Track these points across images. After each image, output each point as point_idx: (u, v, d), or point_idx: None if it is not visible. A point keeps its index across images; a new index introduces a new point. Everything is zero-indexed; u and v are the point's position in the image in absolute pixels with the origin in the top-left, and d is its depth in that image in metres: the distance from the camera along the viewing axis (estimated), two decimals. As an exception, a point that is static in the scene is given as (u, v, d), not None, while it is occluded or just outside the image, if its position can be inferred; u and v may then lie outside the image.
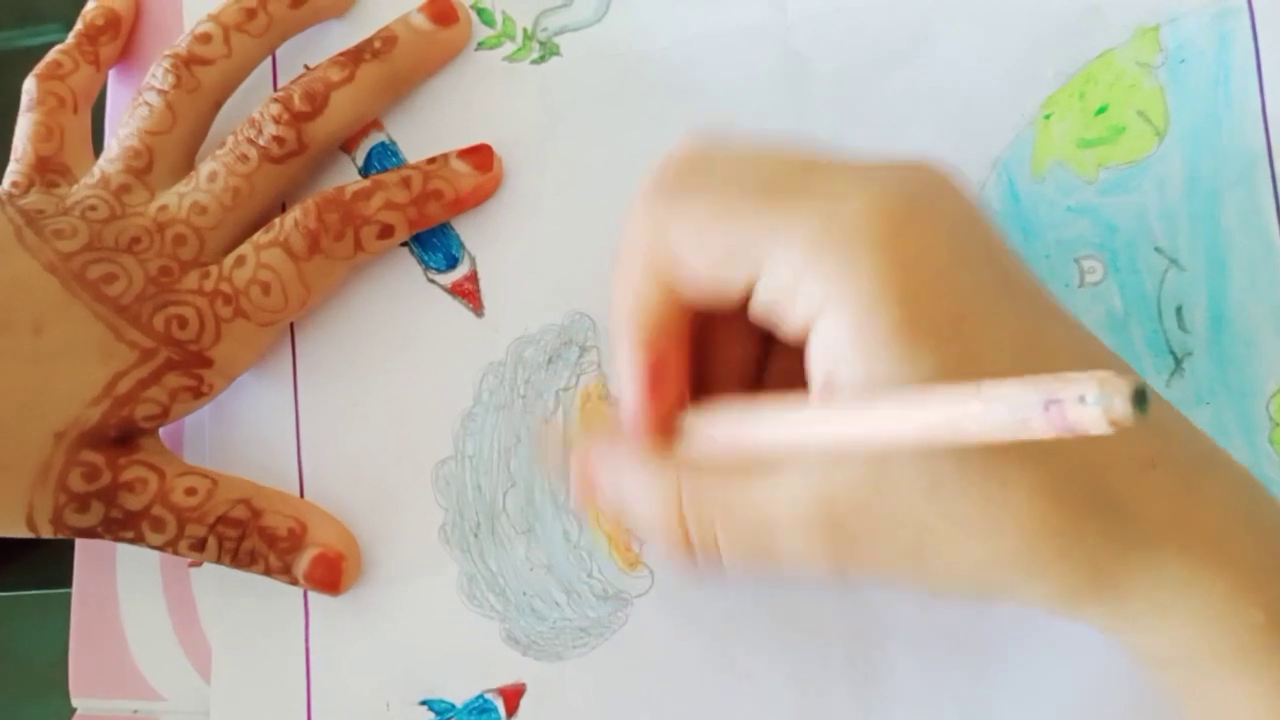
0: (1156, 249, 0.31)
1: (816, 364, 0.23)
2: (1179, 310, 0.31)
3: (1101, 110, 0.31)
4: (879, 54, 0.33)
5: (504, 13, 0.34)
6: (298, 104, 0.32)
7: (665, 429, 0.26)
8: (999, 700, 0.30)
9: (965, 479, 0.23)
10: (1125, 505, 0.23)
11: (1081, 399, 0.18)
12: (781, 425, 0.24)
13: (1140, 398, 0.17)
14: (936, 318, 0.22)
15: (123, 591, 0.34)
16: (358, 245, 0.32)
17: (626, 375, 0.27)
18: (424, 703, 0.32)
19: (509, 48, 0.34)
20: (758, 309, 0.24)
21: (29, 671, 0.36)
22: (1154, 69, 0.31)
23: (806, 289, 0.23)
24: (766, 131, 0.27)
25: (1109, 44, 0.32)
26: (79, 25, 0.35)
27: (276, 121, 0.32)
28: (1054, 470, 0.23)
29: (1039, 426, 0.18)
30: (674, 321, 0.26)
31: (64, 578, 0.34)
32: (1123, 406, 0.17)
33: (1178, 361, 0.31)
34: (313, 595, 0.32)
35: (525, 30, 0.34)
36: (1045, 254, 0.31)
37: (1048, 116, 0.32)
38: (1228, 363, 0.30)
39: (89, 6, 0.35)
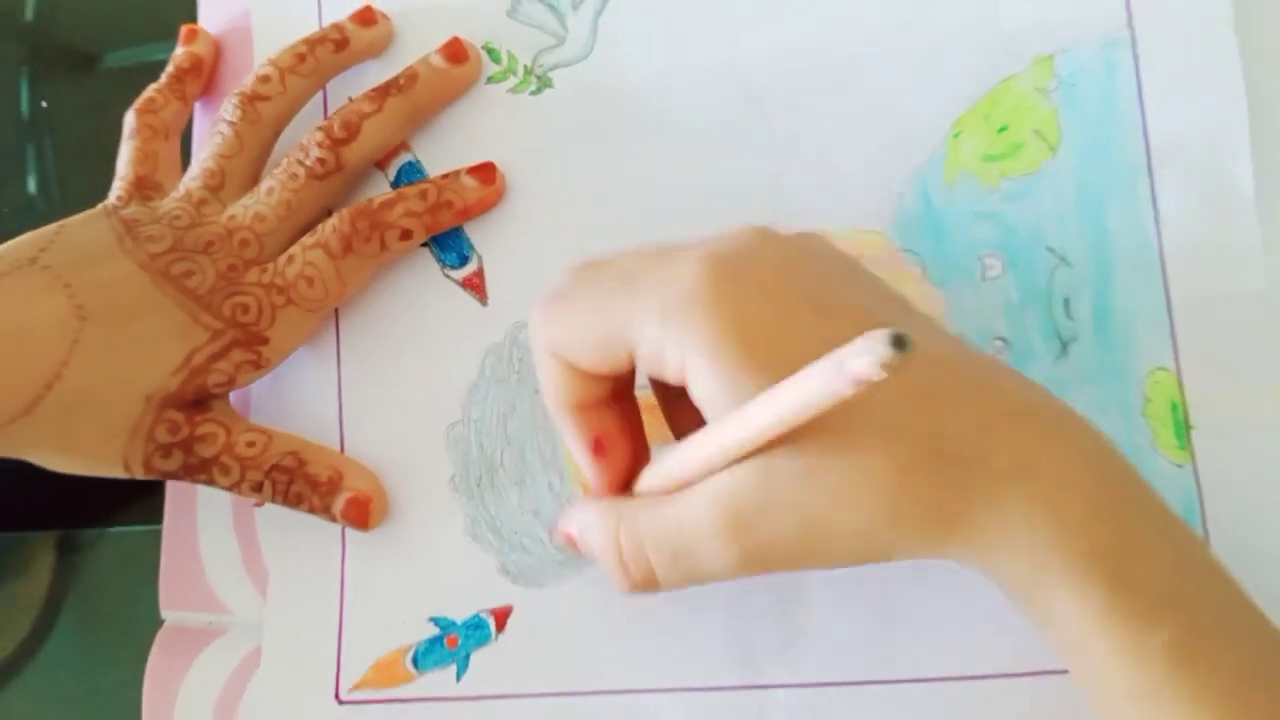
0: (1048, 249, 0.35)
1: (699, 402, 0.28)
2: (1066, 301, 0.35)
3: (1003, 129, 0.36)
4: (820, 85, 0.38)
5: (509, 51, 0.40)
6: (336, 131, 0.39)
7: (626, 487, 0.32)
8: (899, 628, 0.35)
9: (829, 462, 0.27)
10: (966, 459, 0.27)
11: (857, 355, 0.22)
12: (688, 453, 0.29)
13: (899, 342, 0.21)
14: (764, 350, 0.27)
15: (201, 527, 0.41)
16: (383, 246, 0.38)
17: (578, 459, 0.32)
18: (432, 619, 0.38)
19: (512, 81, 0.40)
20: (645, 372, 0.30)
21: (128, 591, 0.44)
22: (1049, 93, 0.36)
23: (670, 350, 0.28)
24: (629, 246, 0.31)
25: (1010, 71, 0.36)
26: (169, 68, 0.42)
27: (320, 146, 0.39)
28: (900, 441, 0.27)
29: (841, 386, 0.23)
30: (596, 398, 0.31)
31: (160, 517, 0.42)
32: (885, 351, 0.21)
33: (1064, 346, 0.35)
34: (348, 531, 0.39)
35: (526, 66, 0.40)
36: (954, 252, 0.36)
37: (957, 135, 0.36)
38: (1107, 348, 0.35)
39: (178, 52, 0.43)
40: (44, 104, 0.48)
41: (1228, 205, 0.34)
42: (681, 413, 0.32)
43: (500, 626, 0.38)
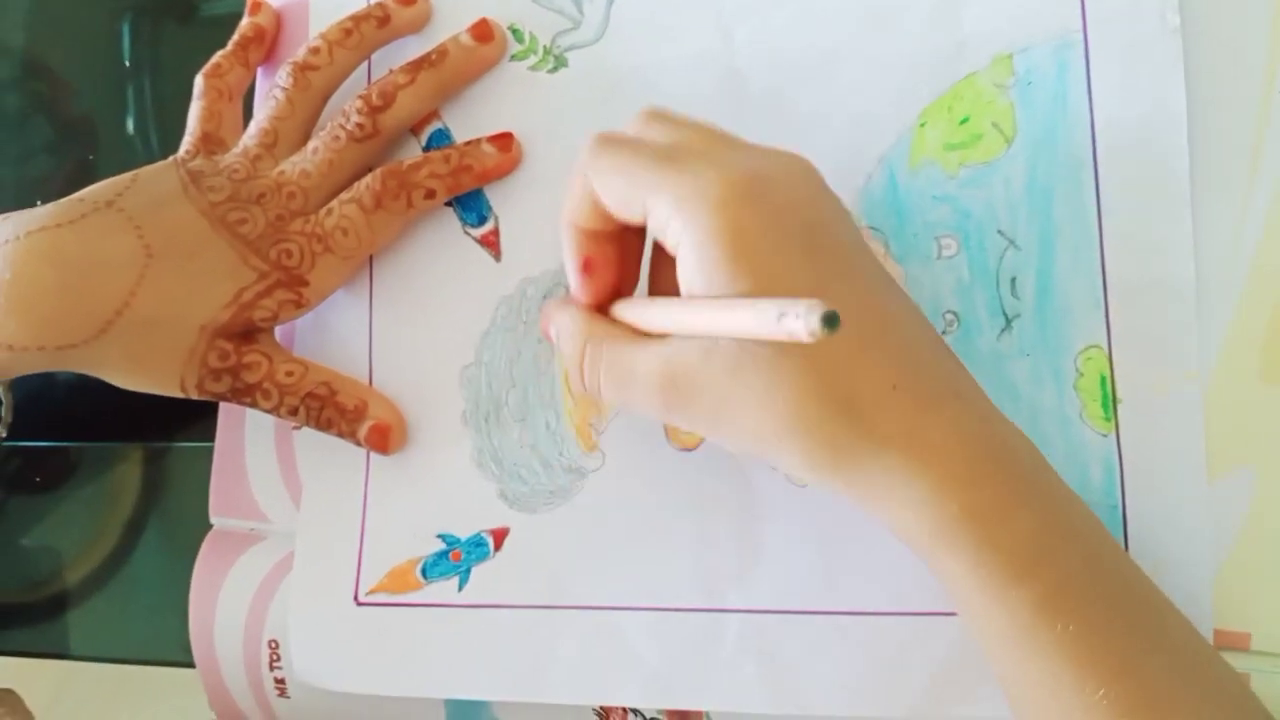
0: (999, 231, 0.38)
1: (681, 277, 0.32)
2: (1013, 281, 0.38)
3: (964, 120, 0.39)
4: (799, 73, 0.41)
5: (531, 32, 0.44)
6: (374, 100, 0.43)
7: (603, 305, 0.37)
8: (847, 562, 0.39)
9: (756, 365, 0.31)
10: (865, 411, 0.31)
11: (795, 316, 0.25)
12: (658, 311, 0.34)
13: (830, 320, 0.25)
14: (746, 264, 0.31)
15: (248, 445, 0.46)
16: (409, 204, 0.43)
17: (568, 268, 0.37)
18: (439, 536, 0.43)
19: (532, 60, 0.44)
20: (651, 234, 0.34)
21: (184, 499, 0.49)
22: (1007, 89, 0.39)
23: (673, 228, 0.32)
24: (702, 114, 0.35)
25: (973, 68, 0.39)
26: (235, 37, 0.47)
27: (359, 112, 0.43)
28: (818, 373, 0.31)
29: (774, 331, 0.26)
30: (603, 231, 0.36)
31: (213, 436, 0.47)
32: (814, 324, 0.25)
33: (1008, 321, 0.38)
34: (371, 455, 0.44)
35: (545, 46, 0.44)
36: (913, 232, 0.39)
37: (923, 124, 0.39)
38: (1047, 324, 0.38)
39: (243, 22, 0.47)
40: (135, 55, 0.53)
41: (1164, 198, 0.37)
42: (663, 271, 0.37)
43: (498, 545, 0.42)
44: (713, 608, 0.40)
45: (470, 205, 0.44)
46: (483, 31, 0.44)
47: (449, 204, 0.44)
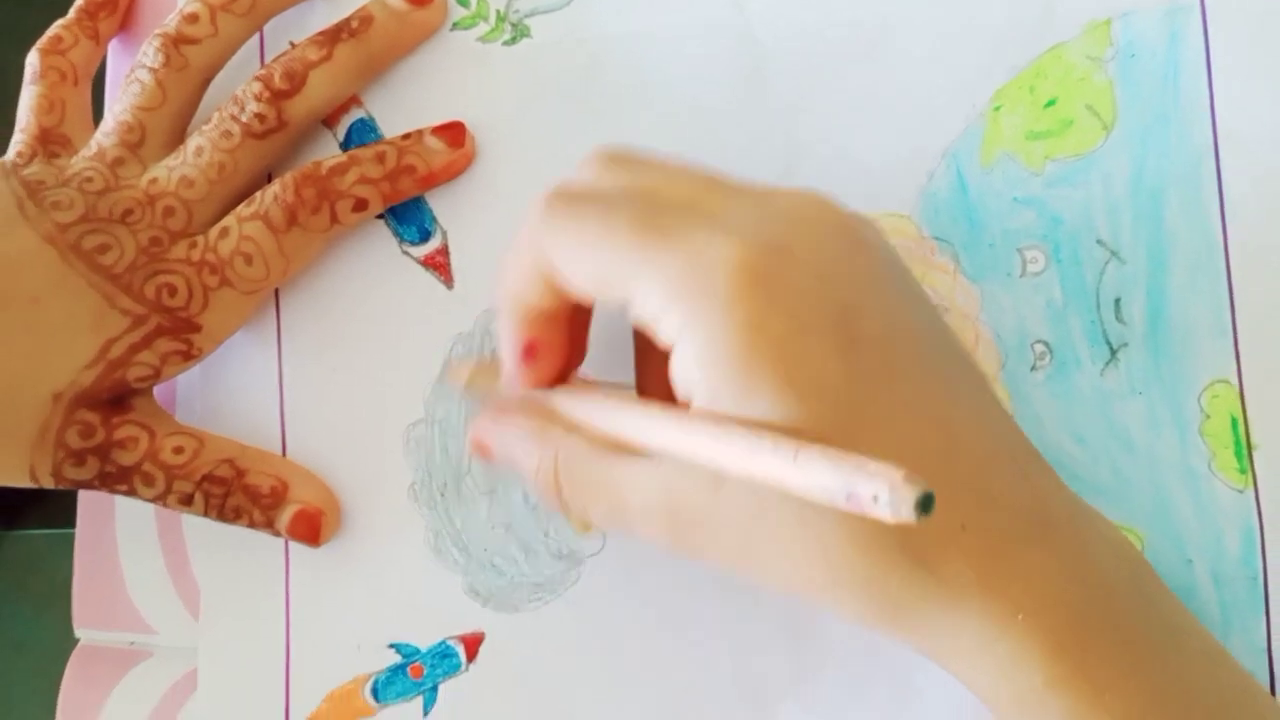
0: (1099, 241, 0.32)
1: (676, 380, 0.26)
2: (1117, 302, 0.32)
3: (1050, 103, 0.32)
4: (836, 47, 0.34)
5: (479, -7, 0.35)
6: (277, 82, 0.34)
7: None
8: (926, 667, 0.32)
9: (786, 512, 0.25)
10: (931, 562, 0.25)
11: (875, 499, 0.21)
12: (645, 422, 0.27)
13: (925, 504, 0.20)
14: (769, 371, 0.24)
15: (121, 536, 0.36)
16: (333, 218, 0.34)
17: (504, 350, 0.30)
18: (392, 646, 0.34)
19: (483, 28, 0.35)
20: (632, 321, 0.27)
21: (38, 603, 0.40)
22: (1104, 63, 0.32)
23: (669, 320, 0.25)
24: (670, 153, 0.28)
25: (1059, 38, 0.33)
26: (79, 1, 0.37)
27: (258, 99, 0.34)
28: (865, 520, 0.24)
29: (841, 505, 0.21)
30: (554, 313, 0.29)
31: (72, 520, 0.37)
32: (907, 511, 0.20)
33: (1113, 352, 0.32)
34: (294, 546, 0.35)
35: (499, 12, 0.35)
36: (990, 243, 0.32)
37: (998, 109, 0.33)
38: (1163, 356, 0.32)
39: None
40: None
41: (1303, 199, 0.31)
42: (651, 367, 0.30)
43: (471, 655, 0.34)
44: (761, 724, 0.32)
45: (409, 218, 0.36)
46: (418, -9, 0.35)
47: (381, 217, 0.36)
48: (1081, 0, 0.32)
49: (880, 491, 0.21)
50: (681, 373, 0.26)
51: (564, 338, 0.30)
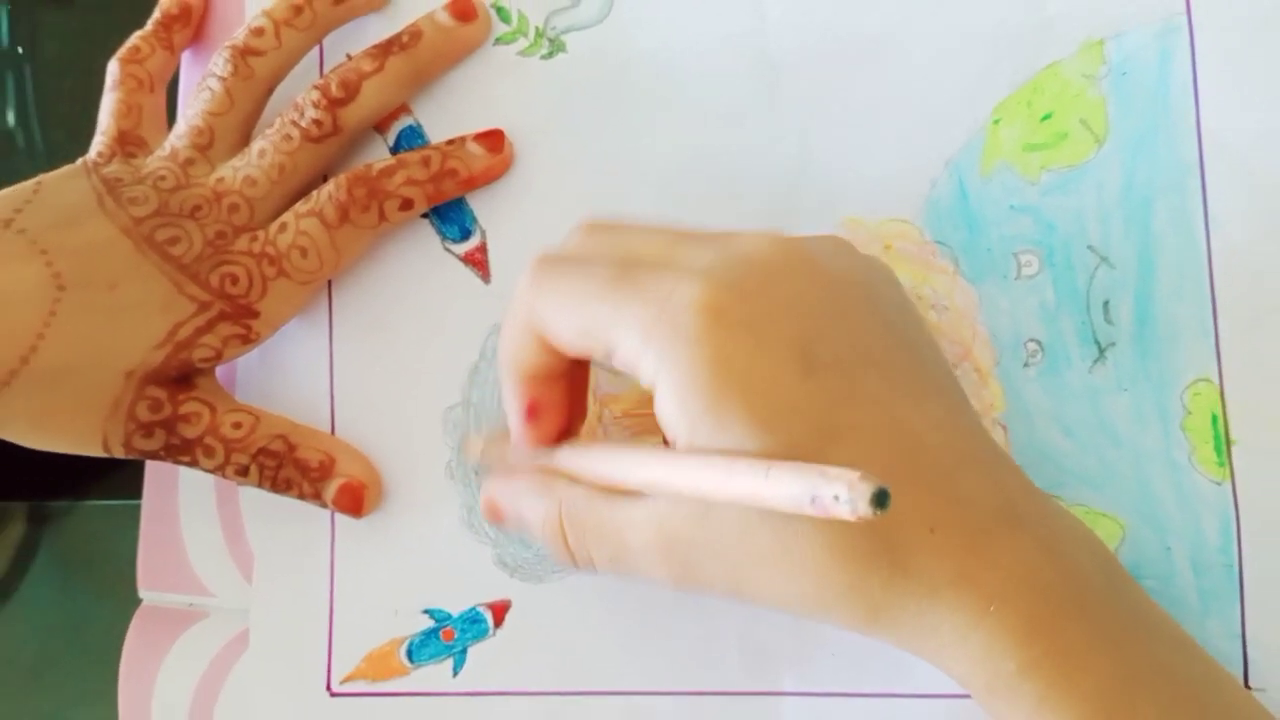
0: (1089, 247, 0.34)
1: (660, 420, 0.28)
2: (1106, 304, 0.34)
3: (1047, 117, 0.34)
4: (847, 61, 0.36)
5: (519, 11, 0.38)
6: (334, 91, 0.36)
7: (545, 447, 0.32)
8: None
9: (769, 529, 0.27)
10: (906, 562, 0.26)
11: (836, 499, 0.22)
12: (635, 466, 0.29)
13: (880, 499, 0.22)
14: (738, 402, 0.26)
15: (183, 506, 0.39)
16: (381, 216, 0.36)
17: (509, 411, 0.32)
18: (426, 611, 0.37)
19: (522, 43, 0.38)
20: (621, 367, 0.29)
21: (106, 568, 0.42)
22: (1097, 80, 0.34)
23: (645, 366, 0.27)
24: (650, 217, 0.31)
25: (1057, 55, 0.34)
26: (156, 14, 0.39)
27: (316, 106, 0.36)
28: (844, 527, 0.26)
29: (808, 510, 0.23)
30: (551, 371, 0.31)
31: (133, 493, 0.40)
32: (864, 507, 0.22)
33: (1101, 351, 0.33)
34: (339, 517, 0.37)
35: (537, 28, 0.38)
36: (988, 247, 0.34)
37: (997, 121, 0.34)
38: (1148, 355, 0.33)
39: None
40: (19, 49, 0.45)
41: (1282, 209, 0.33)
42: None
43: (498, 621, 0.36)
44: (764, 690, 0.34)
45: (451, 217, 0.38)
46: (463, 8, 0.38)
47: (425, 216, 0.38)
48: (1078, 20, 0.34)
49: (840, 492, 0.22)
50: (663, 412, 0.27)
51: (563, 395, 0.32)
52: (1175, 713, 0.27)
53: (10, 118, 0.45)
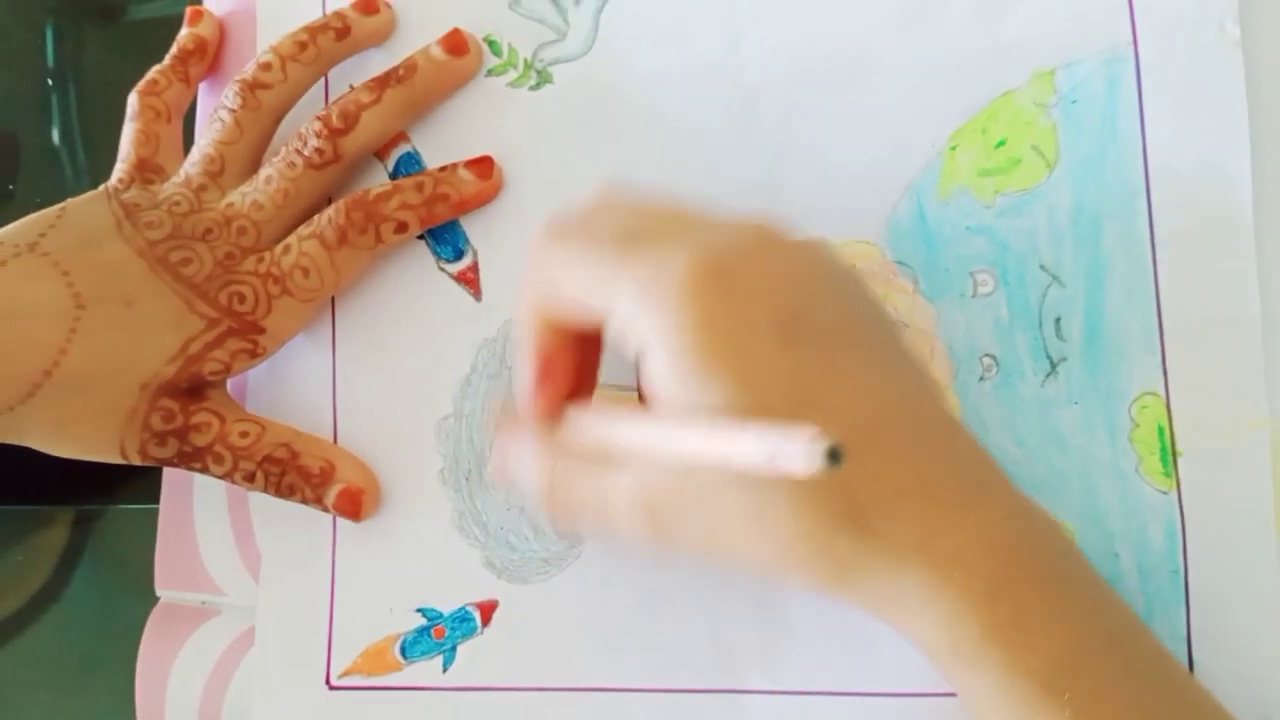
0: (1042, 267, 0.35)
1: (645, 385, 0.29)
2: (1058, 321, 0.35)
3: (1001, 143, 0.35)
4: (816, 89, 0.37)
5: (510, 44, 0.40)
6: (335, 121, 0.39)
7: (551, 416, 0.32)
8: (881, 639, 0.35)
9: (744, 490, 0.28)
10: (874, 526, 0.28)
11: (792, 454, 0.23)
12: (622, 429, 0.30)
13: (834, 455, 0.23)
14: (722, 364, 0.28)
15: (197, 510, 0.41)
16: (378, 238, 0.38)
17: (521, 371, 0.33)
18: (419, 610, 0.38)
19: (512, 75, 0.40)
20: (610, 337, 0.30)
21: (126, 568, 0.45)
22: (1048, 108, 0.35)
23: (637, 327, 0.29)
24: (657, 186, 0.32)
25: (1010, 85, 0.35)
26: (173, 49, 0.42)
27: (318, 136, 0.38)
28: (815, 490, 0.27)
29: (770, 468, 0.24)
30: (562, 333, 0.32)
31: (155, 497, 0.42)
32: (818, 461, 0.23)
33: (1053, 365, 0.35)
34: (339, 521, 0.39)
35: (526, 60, 0.40)
36: (945, 267, 0.36)
37: (954, 148, 0.36)
38: (1098, 369, 0.34)
39: (182, 33, 0.42)
40: (59, 61, 0.48)
41: (1225, 230, 0.34)
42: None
43: (486, 620, 0.38)
44: (733, 688, 0.36)
45: (445, 238, 0.40)
46: (455, 43, 0.40)
47: (421, 237, 0.40)
48: (1030, 51, 0.35)
49: (796, 447, 0.23)
50: (648, 376, 0.29)
51: (572, 358, 0.33)
52: (1130, 682, 0.28)
53: (55, 136, 0.48)
